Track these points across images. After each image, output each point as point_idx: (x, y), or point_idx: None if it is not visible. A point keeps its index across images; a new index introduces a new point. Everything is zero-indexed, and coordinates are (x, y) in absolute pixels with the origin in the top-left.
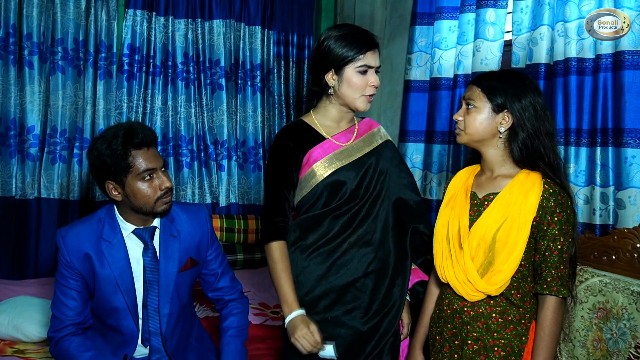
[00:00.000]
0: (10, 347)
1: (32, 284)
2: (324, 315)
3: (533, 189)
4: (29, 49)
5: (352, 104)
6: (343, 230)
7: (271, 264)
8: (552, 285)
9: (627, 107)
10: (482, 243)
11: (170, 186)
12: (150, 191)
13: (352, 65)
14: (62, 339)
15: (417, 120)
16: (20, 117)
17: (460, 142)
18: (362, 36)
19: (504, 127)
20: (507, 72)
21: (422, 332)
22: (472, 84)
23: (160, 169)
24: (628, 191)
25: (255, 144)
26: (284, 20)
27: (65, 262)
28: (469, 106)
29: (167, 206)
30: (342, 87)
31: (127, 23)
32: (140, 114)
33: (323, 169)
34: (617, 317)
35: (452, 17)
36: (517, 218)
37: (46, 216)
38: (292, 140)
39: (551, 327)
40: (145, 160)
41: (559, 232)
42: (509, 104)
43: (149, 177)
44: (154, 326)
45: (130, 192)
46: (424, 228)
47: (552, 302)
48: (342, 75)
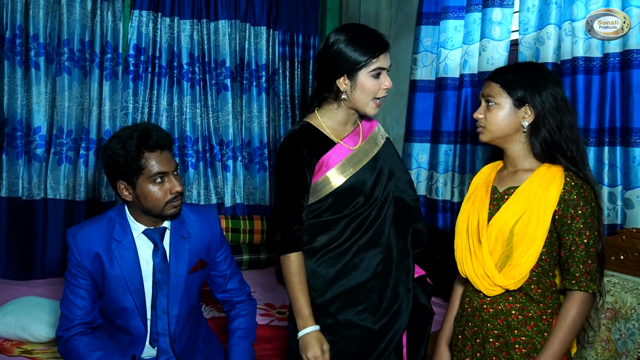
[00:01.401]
0: (18, 347)
1: (39, 284)
2: (337, 318)
3: (554, 182)
4: (35, 50)
5: (362, 108)
6: (353, 234)
7: (288, 276)
8: (581, 280)
9: (635, 107)
10: (500, 237)
11: (180, 190)
12: (161, 194)
13: (365, 69)
14: (71, 338)
15: (423, 120)
16: (27, 118)
17: (482, 140)
18: (373, 38)
19: (527, 122)
20: (523, 65)
21: (448, 329)
22: (489, 80)
23: (172, 173)
24: (636, 191)
25: (260, 145)
26: (289, 21)
27: (75, 261)
28: (489, 103)
29: (176, 210)
30: (355, 92)
31: (133, 24)
32: (146, 114)
33: (337, 176)
34: (626, 318)
35: (458, 16)
36: (537, 211)
37: (53, 217)
38: (303, 145)
39: (574, 319)
40: (158, 163)
41: (584, 226)
42: (530, 97)
43: (160, 180)
44: (162, 327)
45: (141, 194)
46: (421, 226)
47: (579, 296)
48: (356, 80)
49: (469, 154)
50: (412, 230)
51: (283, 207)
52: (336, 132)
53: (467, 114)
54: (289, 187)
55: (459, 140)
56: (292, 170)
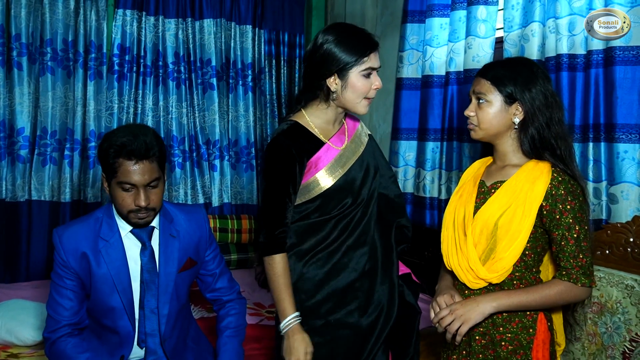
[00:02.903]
0: (4, 351)
1: (24, 286)
2: (327, 319)
3: (541, 177)
4: (17, 50)
5: (352, 107)
6: (341, 234)
7: (273, 277)
8: (572, 273)
9: (618, 103)
10: (484, 230)
11: (144, 205)
12: (126, 201)
13: (356, 69)
14: (58, 340)
15: (410, 118)
16: (10, 119)
17: (474, 137)
18: (363, 38)
19: (518, 119)
20: (513, 60)
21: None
22: (479, 76)
23: (143, 186)
24: (621, 186)
25: (247, 144)
26: (275, 19)
27: (62, 261)
28: (479, 100)
29: (141, 222)
30: (345, 92)
31: (117, 23)
32: (131, 114)
33: (326, 178)
34: (612, 311)
35: (444, 14)
36: (522, 205)
37: (37, 218)
38: (294, 146)
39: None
40: (129, 173)
41: (573, 220)
42: (519, 94)
43: (129, 188)
44: (150, 327)
45: (111, 193)
46: (405, 221)
47: (565, 283)
48: (346, 80)
49: (456, 151)
50: (396, 226)
51: (269, 208)
52: (324, 132)
53: (454, 112)
54: (277, 188)
55: (446, 137)
56: (281, 172)
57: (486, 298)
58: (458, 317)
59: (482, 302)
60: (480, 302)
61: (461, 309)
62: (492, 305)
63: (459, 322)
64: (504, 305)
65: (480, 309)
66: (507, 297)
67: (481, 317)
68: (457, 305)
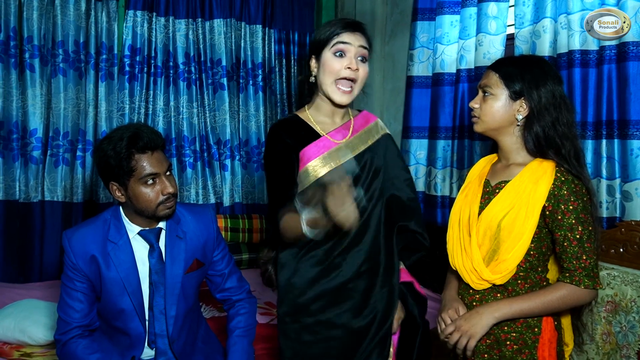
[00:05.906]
0: (17, 350)
1: (37, 287)
2: (317, 317)
3: (544, 177)
4: (29, 52)
5: (326, 93)
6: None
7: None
8: (575, 275)
9: (632, 99)
10: (488, 231)
11: (173, 192)
12: (153, 196)
13: (327, 47)
14: (69, 342)
15: (421, 116)
16: (23, 121)
17: (476, 130)
18: (341, 19)
19: (521, 115)
20: (526, 58)
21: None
22: (490, 69)
23: (164, 174)
24: (635, 183)
25: (258, 143)
26: (285, 19)
27: (72, 264)
28: (485, 93)
29: (169, 211)
30: (320, 74)
31: (128, 24)
32: (142, 115)
33: (317, 169)
34: (626, 310)
35: (454, 11)
36: (525, 206)
37: (50, 219)
38: (288, 137)
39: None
40: (149, 165)
41: (576, 221)
42: (527, 91)
43: (152, 182)
44: (159, 328)
45: (133, 195)
46: (414, 225)
47: (568, 286)
48: (320, 60)
49: (467, 149)
50: (403, 229)
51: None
52: (323, 126)
53: (465, 109)
54: (276, 175)
55: (457, 135)
56: (278, 161)
57: (489, 309)
58: (464, 333)
59: (485, 315)
60: (483, 315)
61: (466, 324)
62: (494, 316)
63: (466, 338)
64: (506, 315)
65: (483, 321)
66: (509, 307)
67: (486, 330)
68: (461, 321)
